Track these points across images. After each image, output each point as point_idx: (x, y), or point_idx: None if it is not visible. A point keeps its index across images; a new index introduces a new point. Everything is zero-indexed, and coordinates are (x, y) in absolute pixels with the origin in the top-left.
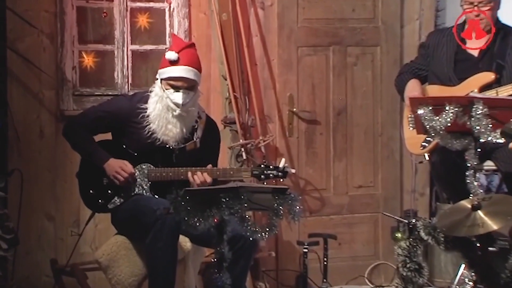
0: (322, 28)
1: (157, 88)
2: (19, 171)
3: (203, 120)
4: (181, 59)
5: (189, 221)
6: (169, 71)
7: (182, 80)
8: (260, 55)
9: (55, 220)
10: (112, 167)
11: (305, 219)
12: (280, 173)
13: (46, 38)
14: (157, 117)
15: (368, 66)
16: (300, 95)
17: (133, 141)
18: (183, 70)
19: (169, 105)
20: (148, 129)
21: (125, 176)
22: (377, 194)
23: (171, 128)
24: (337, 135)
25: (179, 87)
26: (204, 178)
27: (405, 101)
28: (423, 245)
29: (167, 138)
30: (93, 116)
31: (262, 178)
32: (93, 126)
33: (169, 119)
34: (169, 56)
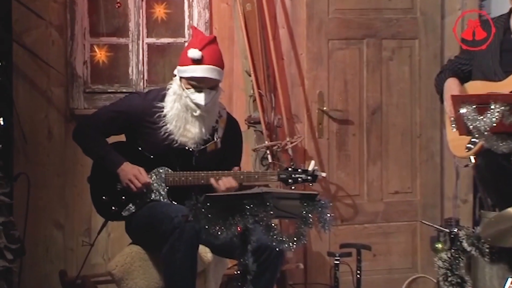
0: (355, 19)
1: (175, 86)
2: (25, 176)
3: (223, 118)
4: (204, 58)
5: (210, 229)
6: (191, 70)
7: (205, 80)
8: (287, 48)
9: (65, 229)
10: (126, 173)
11: (336, 228)
12: (309, 177)
13: (55, 31)
14: (174, 117)
15: (406, 61)
16: (331, 93)
17: (149, 142)
18: (207, 70)
19: (189, 104)
20: (165, 130)
21: (139, 186)
22: (415, 201)
23: (190, 128)
24: (371, 136)
25: (202, 88)
26: (230, 183)
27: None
28: (465, 256)
29: (185, 140)
30: (105, 117)
31: (289, 182)
32: (105, 128)
33: (188, 119)
34: (192, 54)
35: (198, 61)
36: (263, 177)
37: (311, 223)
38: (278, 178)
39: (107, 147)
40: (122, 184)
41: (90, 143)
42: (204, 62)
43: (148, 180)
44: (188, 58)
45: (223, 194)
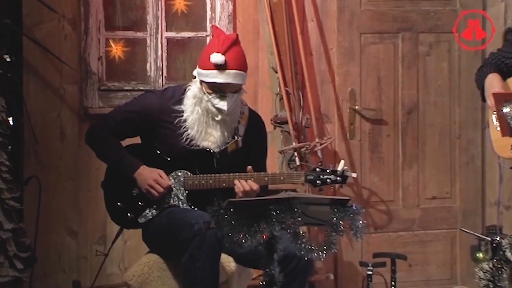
0: (389, 11)
1: (195, 89)
2: (36, 179)
3: (245, 115)
4: (228, 63)
5: (233, 237)
6: (213, 76)
7: (229, 86)
8: (316, 43)
9: (78, 236)
10: (145, 178)
11: (369, 236)
12: (339, 178)
13: (68, 24)
14: (195, 121)
15: (444, 56)
16: (363, 90)
17: (166, 144)
18: (231, 76)
19: (210, 109)
20: (186, 135)
21: (161, 191)
22: (454, 207)
23: (211, 131)
24: (406, 137)
25: (225, 93)
26: (250, 186)
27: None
28: (509, 267)
29: (207, 144)
30: (119, 118)
31: (317, 184)
32: (120, 130)
33: (209, 123)
34: (215, 59)
35: (221, 66)
36: (290, 179)
37: (342, 230)
38: (305, 179)
39: (122, 151)
40: (140, 189)
41: (104, 147)
42: (228, 68)
43: (170, 183)
44: (210, 63)
45: (247, 199)
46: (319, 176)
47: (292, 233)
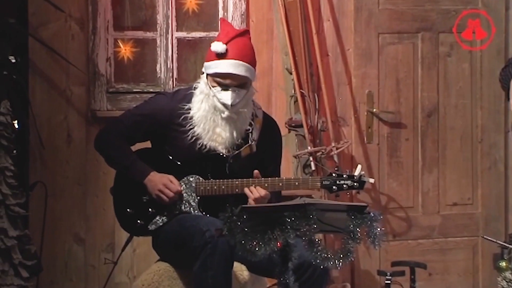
0: (408, 11)
1: (202, 85)
2: (42, 184)
3: (259, 119)
4: (229, 52)
5: (246, 245)
6: (215, 65)
7: (230, 77)
8: (332, 44)
9: (86, 243)
10: (155, 183)
11: (387, 243)
12: (356, 184)
13: (75, 24)
14: (202, 119)
15: (465, 57)
16: (382, 92)
17: (177, 148)
18: (231, 65)
19: (216, 105)
20: (192, 133)
21: (171, 196)
22: (476, 214)
23: (220, 132)
24: (426, 141)
25: (227, 85)
26: (258, 193)
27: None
28: None
29: (214, 144)
30: (129, 122)
31: (334, 189)
32: (130, 134)
33: (217, 122)
34: (215, 47)
35: (221, 55)
36: (305, 184)
37: (359, 238)
38: (321, 185)
39: (133, 156)
40: (150, 196)
41: (114, 152)
42: (229, 57)
43: (180, 188)
44: (212, 53)
45: (261, 206)
46: (335, 182)
47: (308, 240)
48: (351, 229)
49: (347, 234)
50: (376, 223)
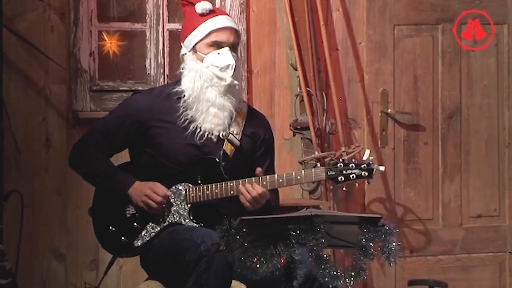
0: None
1: (189, 63)
2: (18, 194)
3: (242, 112)
4: (216, 10)
5: (246, 261)
6: (207, 24)
7: (227, 30)
8: (342, 36)
9: (66, 260)
10: (140, 191)
11: (404, 260)
12: (364, 172)
13: (55, 14)
14: (195, 100)
15: (491, 52)
16: (397, 91)
17: (161, 147)
18: (225, 19)
19: (215, 74)
20: (185, 116)
21: (159, 201)
22: (503, 227)
23: (216, 112)
24: (447, 145)
25: (224, 43)
26: (255, 190)
27: None
28: None
29: (211, 126)
30: (105, 129)
31: (340, 180)
32: (108, 142)
33: (212, 101)
34: (203, 6)
35: (211, 13)
36: (308, 177)
37: (373, 254)
38: (326, 175)
39: (113, 167)
40: (135, 207)
41: (92, 164)
42: (218, 13)
43: (167, 192)
44: (196, 18)
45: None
46: (342, 172)
47: (315, 256)
48: (364, 244)
49: (358, 249)
50: (391, 237)
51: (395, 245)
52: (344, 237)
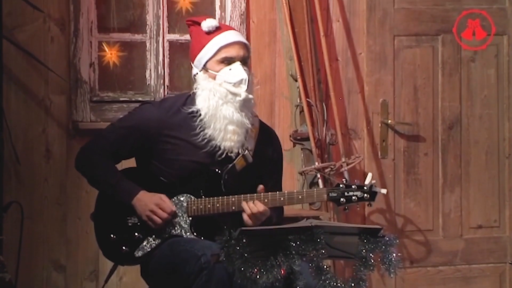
0: (427, 10)
1: (202, 82)
2: (18, 205)
3: (255, 127)
4: (222, 26)
5: (246, 272)
6: (215, 42)
7: (237, 45)
8: (342, 47)
9: (66, 271)
10: (145, 204)
11: (404, 271)
12: (366, 195)
13: (55, 25)
14: (212, 118)
15: (491, 62)
16: (397, 102)
17: (167, 162)
18: (233, 34)
19: (229, 90)
20: (203, 136)
21: (164, 217)
22: (503, 238)
23: (235, 129)
24: (448, 156)
25: (235, 58)
26: (257, 208)
27: None
28: None
29: (230, 144)
30: (113, 137)
31: (342, 202)
32: (114, 150)
33: (230, 117)
34: (208, 24)
35: (218, 29)
36: (309, 197)
37: (373, 265)
38: (328, 197)
39: (118, 174)
40: (139, 218)
41: (97, 171)
42: (224, 29)
43: (174, 209)
44: (203, 37)
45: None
46: (343, 193)
47: (315, 267)
48: (364, 255)
49: (359, 260)
50: (391, 248)
51: (395, 256)
52: (344, 248)
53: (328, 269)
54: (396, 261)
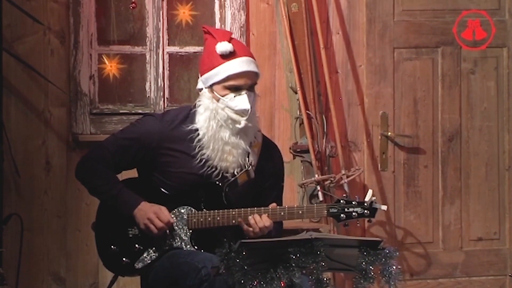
0: (427, 23)
1: (205, 101)
2: (18, 217)
3: (258, 142)
4: (236, 50)
5: (246, 284)
6: (225, 68)
7: (245, 76)
8: (342, 59)
9: (66, 283)
10: (144, 213)
11: (404, 283)
12: (366, 211)
13: (55, 38)
14: (211, 139)
15: (491, 75)
16: (397, 114)
17: (168, 174)
18: (244, 63)
19: (230, 116)
20: (201, 155)
21: (160, 227)
22: (503, 250)
23: (230, 150)
24: (447, 168)
25: (242, 87)
26: (264, 223)
27: None
28: None
29: (226, 165)
30: (114, 148)
31: (342, 218)
32: (115, 161)
33: (226, 140)
34: (223, 48)
35: (230, 55)
36: (309, 213)
37: (373, 277)
38: (328, 213)
39: (119, 185)
40: (137, 228)
41: (98, 182)
42: (238, 55)
43: (171, 220)
44: (216, 57)
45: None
46: (344, 209)
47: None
48: (363, 267)
49: (358, 272)
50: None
51: (395, 269)
52: (344, 261)
53: (328, 282)
54: (396, 273)
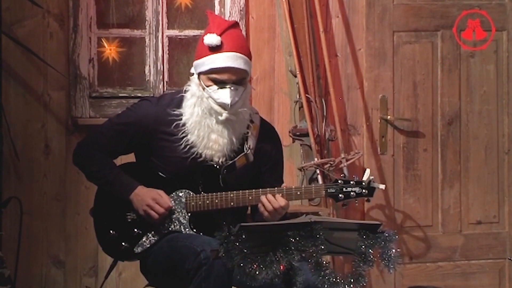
0: (427, 6)
1: (193, 87)
2: (17, 200)
3: (256, 125)
4: (225, 44)
5: (245, 268)
6: (210, 61)
7: (229, 71)
8: (342, 43)
9: (65, 267)
10: (142, 198)
11: (403, 266)
12: (365, 190)
13: (54, 21)
14: (196, 125)
15: (490, 58)
16: (397, 97)
17: (165, 158)
18: (229, 58)
19: (212, 107)
20: (186, 142)
21: (161, 212)
22: (502, 233)
23: (216, 138)
24: (447, 152)
25: (225, 82)
26: (279, 203)
27: None
28: None
29: (211, 153)
30: (110, 133)
31: (340, 198)
32: (112, 146)
33: (212, 127)
34: (209, 40)
35: (216, 48)
36: (307, 193)
37: (372, 260)
38: (326, 193)
39: (116, 170)
40: (136, 213)
41: (95, 167)
42: (224, 49)
43: (171, 204)
44: (204, 47)
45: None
46: (342, 189)
47: (314, 263)
48: (363, 251)
49: (358, 256)
50: (390, 244)
51: (394, 252)
52: (343, 244)
53: (327, 265)
54: (396, 257)
